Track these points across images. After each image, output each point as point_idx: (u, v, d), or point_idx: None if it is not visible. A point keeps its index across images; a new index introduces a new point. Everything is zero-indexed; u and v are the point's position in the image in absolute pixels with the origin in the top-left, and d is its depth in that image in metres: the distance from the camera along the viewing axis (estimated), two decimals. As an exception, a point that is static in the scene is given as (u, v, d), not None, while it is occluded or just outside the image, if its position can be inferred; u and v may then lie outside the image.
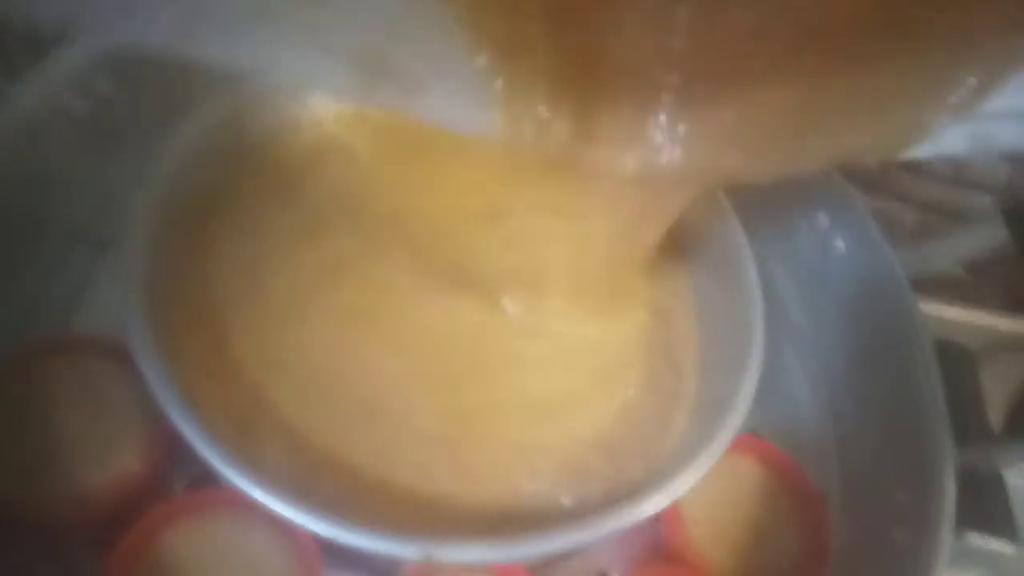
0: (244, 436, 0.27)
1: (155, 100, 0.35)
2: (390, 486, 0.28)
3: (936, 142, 0.23)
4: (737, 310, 0.33)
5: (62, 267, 0.34)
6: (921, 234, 0.68)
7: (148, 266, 0.28)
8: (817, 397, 0.37)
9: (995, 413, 0.58)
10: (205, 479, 0.29)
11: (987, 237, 0.32)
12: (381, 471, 0.28)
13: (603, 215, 0.31)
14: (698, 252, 0.36)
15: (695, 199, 0.35)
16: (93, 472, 0.26)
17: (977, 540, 0.29)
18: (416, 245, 0.35)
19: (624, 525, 0.26)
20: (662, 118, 0.24)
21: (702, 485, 0.27)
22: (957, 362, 0.34)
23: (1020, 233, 0.30)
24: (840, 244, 0.36)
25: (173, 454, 0.28)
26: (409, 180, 0.37)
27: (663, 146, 0.24)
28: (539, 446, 0.30)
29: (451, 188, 0.37)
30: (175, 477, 0.30)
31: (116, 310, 0.33)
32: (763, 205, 0.40)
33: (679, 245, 0.37)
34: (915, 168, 0.63)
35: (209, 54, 0.23)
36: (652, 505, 0.26)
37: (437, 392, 0.30)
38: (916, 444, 0.29)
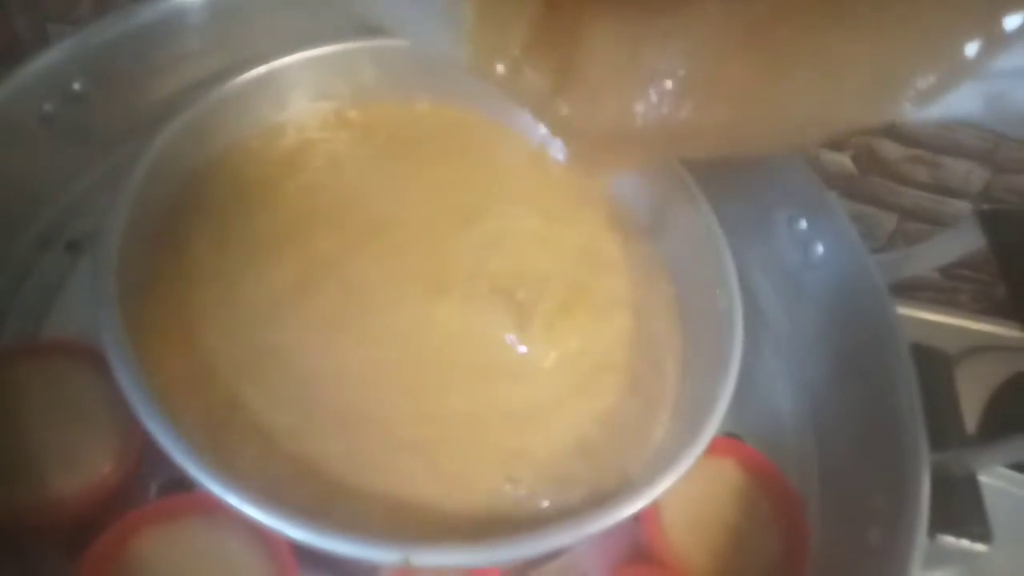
0: (218, 441, 0.27)
1: (129, 102, 0.35)
2: (367, 491, 0.27)
3: (949, 104, 0.22)
4: (717, 313, 0.33)
5: (34, 270, 0.34)
6: (898, 239, 0.69)
7: (121, 269, 0.28)
8: (797, 400, 0.37)
9: (970, 415, 0.59)
10: (179, 484, 0.29)
11: (964, 242, 0.33)
12: (358, 476, 0.28)
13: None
14: (679, 255, 0.36)
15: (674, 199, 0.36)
16: (64, 477, 0.26)
17: (952, 541, 0.29)
18: (395, 248, 0.35)
19: (601, 528, 0.26)
20: (646, 72, 0.24)
21: (680, 487, 0.27)
22: (934, 365, 0.34)
23: (996, 239, 0.30)
24: (819, 248, 0.37)
25: (146, 458, 0.28)
26: (389, 183, 0.37)
27: (645, 102, 0.25)
28: (519, 452, 0.30)
29: (430, 190, 0.37)
30: (149, 481, 0.29)
31: (88, 313, 0.32)
32: (744, 209, 0.40)
33: (660, 248, 0.37)
34: (893, 173, 0.64)
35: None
36: (629, 508, 0.26)
37: (415, 398, 0.30)
38: (893, 447, 0.30)
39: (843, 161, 0.63)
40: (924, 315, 0.66)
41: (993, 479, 0.46)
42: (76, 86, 0.33)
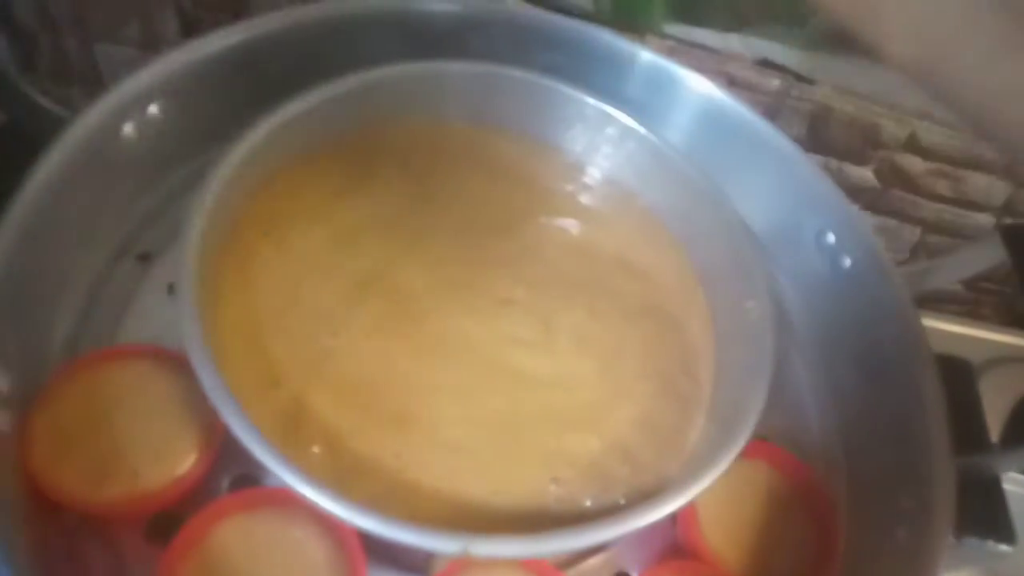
0: (286, 439, 0.29)
1: (200, 123, 0.38)
2: (419, 488, 0.29)
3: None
4: (750, 322, 0.34)
5: (109, 280, 0.36)
6: (921, 251, 0.70)
7: (196, 278, 0.30)
8: (825, 406, 0.39)
9: (994, 424, 0.60)
10: (250, 479, 0.31)
11: (986, 256, 0.34)
12: (411, 474, 0.29)
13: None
14: (712, 265, 0.38)
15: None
16: (152, 471, 0.28)
17: (976, 542, 0.30)
18: (437, 259, 0.37)
19: (642, 525, 0.27)
20: None
21: (716, 487, 0.29)
22: (958, 374, 0.35)
23: (1017, 252, 0.32)
24: (847, 261, 0.38)
25: (219, 454, 0.30)
26: (430, 197, 0.39)
27: None
28: (561, 454, 0.31)
29: (468, 204, 0.39)
30: (222, 476, 0.31)
31: (162, 319, 0.35)
32: (774, 222, 0.42)
33: (692, 258, 0.39)
34: (915, 187, 0.65)
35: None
36: (668, 507, 0.28)
37: (460, 401, 0.32)
38: (919, 451, 0.31)
39: (866, 175, 0.64)
40: (948, 327, 0.67)
41: (1016, 486, 0.47)
42: (152, 109, 0.35)
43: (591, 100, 0.40)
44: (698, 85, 0.43)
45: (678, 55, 0.55)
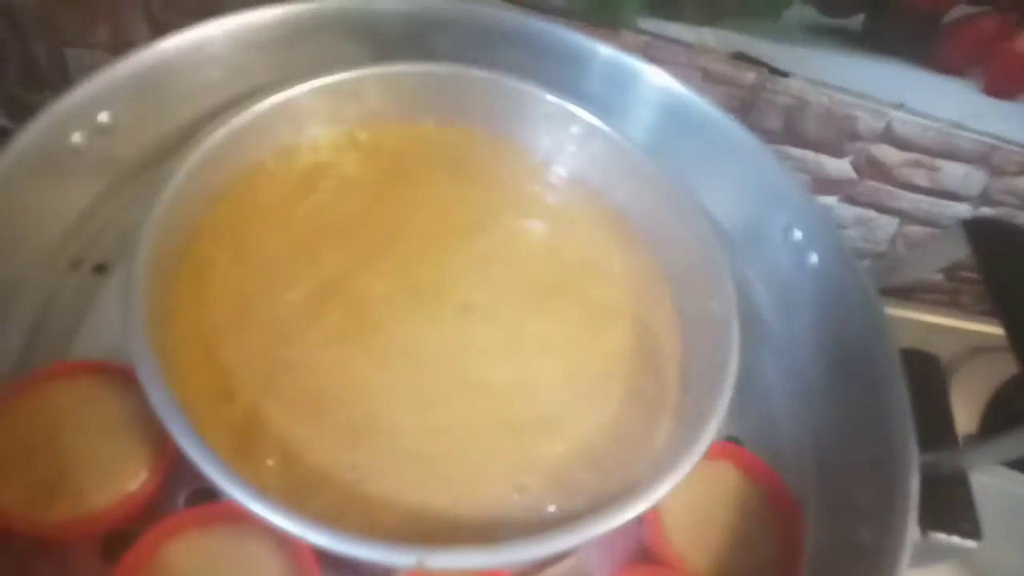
0: (240, 452, 0.29)
1: (153, 130, 0.37)
2: (379, 499, 0.29)
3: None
4: (715, 321, 0.34)
5: (63, 292, 0.36)
6: (900, 242, 0.70)
7: (147, 290, 0.29)
8: (795, 403, 0.38)
9: (973, 415, 0.60)
10: (206, 494, 0.31)
11: (950, 251, 0.34)
12: (371, 485, 0.29)
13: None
14: (678, 265, 0.38)
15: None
16: (100, 489, 0.28)
17: (943, 538, 0.30)
18: (401, 264, 0.36)
19: (604, 531, 0.27)
20: None
21: (681, 490, 0.28)
22: (926, 369, 0.35)
23: (979, 247, 0.32)
24: (814, 257, 0.38)
25: (174, 471, 0.29)
26: (395, 201, 0.39)
27: None
28: (525, 461, 0.31)
29: (435, 207, 0.39)
30: (178, 492, 0.31)
31: (116, 333, 0.34)
32: (742, 220, 0.42)
33: (659, 259, 0.39)
34: (892, 178, 0.65)
35: None
36: (630, 512, 0.27)
37: (422, 410, 0.31)
38: (883, 448, 0.31)
39: (843, 167, 0.64)
40: (927, 317, 0.67)
41: (987, 476, 0.47)
42: (102, 117, 0.34)
43: (555, 99, 0.40)
44: (658, 79, 0.42)
45: (652, 50, 0.54)
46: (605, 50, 0.42)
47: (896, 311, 0.68)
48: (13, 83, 0.64)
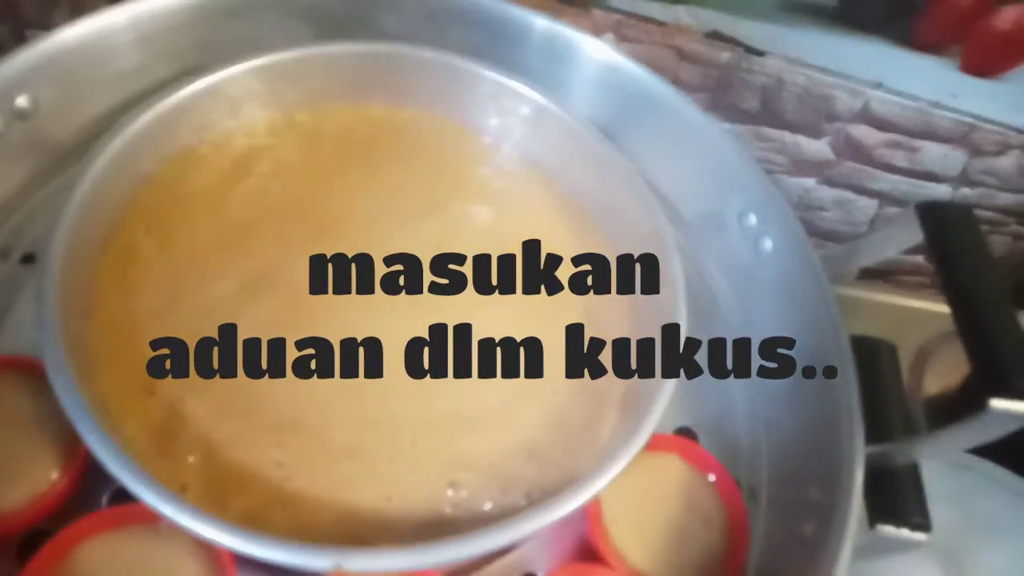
0: (160, 448, 0.28)
1: (77, 115, 0.36)
2: (306, 498, 0.28)
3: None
4: (660, 304, 0.33)
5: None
6: (880, 223, 0.69)
7: (65, 280, 0.28)
8: (749, 393, 0.37)
9: (949, 396, 0.59)
10: (128, 493, 0.30)
11: (905, 236, 0.33)
12: (298, 483, 0.28)
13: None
14: (627, 251, 0.36)
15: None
16: (11, 489, 0.27)
17: (891, 531, 0.29)
18: (339, 251, 0.35)
19: (538, 528, 0.26)
20: None
21: (624, 483, 0.27)
22: (884, 358, 0.34)
23: (932, 232, 0.30)
24: (768, 243, 0.37)
25: (97, 469, 0.28)
26: (337, 186, 0.37)
27: None
28: (462, 456, 0.30)
29: (380, 191, 0.38)
30: (102, 491, 0.30)
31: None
32: (698, 205, 0.41)
33: (609, 244, 0.37)
34: (870, 158, 0.63)
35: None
36: (566, 506, 0.27)
37: (356, 404, 0.30)
38: (831, 440, 0.30)
39: (821, 147, 0.63)
40: (905, 301, 0.67)
41: (943, 467, 0.46)
42: (21, 102, 0.33)
43: (504, 79, 0.39)
44: (597, 51, 0.40)
45: (625, 28, 0.53)
46: (541, 22, 0.41)
47: (875, 294, 0.67)
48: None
